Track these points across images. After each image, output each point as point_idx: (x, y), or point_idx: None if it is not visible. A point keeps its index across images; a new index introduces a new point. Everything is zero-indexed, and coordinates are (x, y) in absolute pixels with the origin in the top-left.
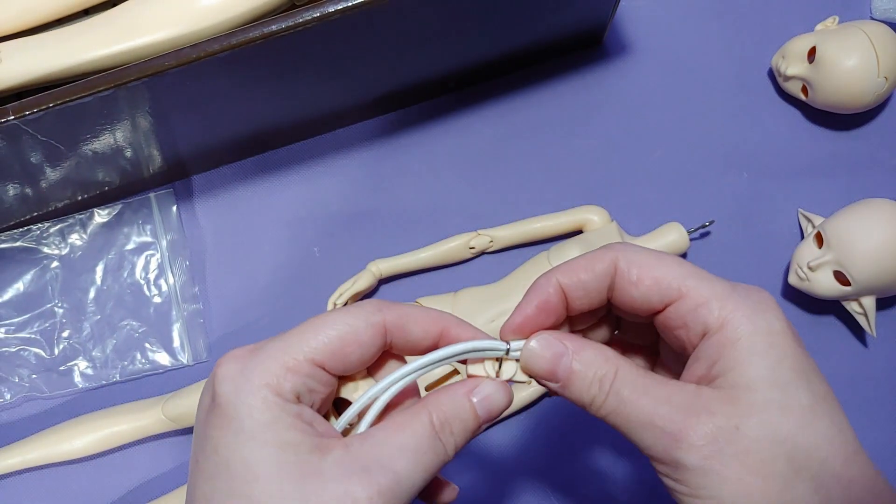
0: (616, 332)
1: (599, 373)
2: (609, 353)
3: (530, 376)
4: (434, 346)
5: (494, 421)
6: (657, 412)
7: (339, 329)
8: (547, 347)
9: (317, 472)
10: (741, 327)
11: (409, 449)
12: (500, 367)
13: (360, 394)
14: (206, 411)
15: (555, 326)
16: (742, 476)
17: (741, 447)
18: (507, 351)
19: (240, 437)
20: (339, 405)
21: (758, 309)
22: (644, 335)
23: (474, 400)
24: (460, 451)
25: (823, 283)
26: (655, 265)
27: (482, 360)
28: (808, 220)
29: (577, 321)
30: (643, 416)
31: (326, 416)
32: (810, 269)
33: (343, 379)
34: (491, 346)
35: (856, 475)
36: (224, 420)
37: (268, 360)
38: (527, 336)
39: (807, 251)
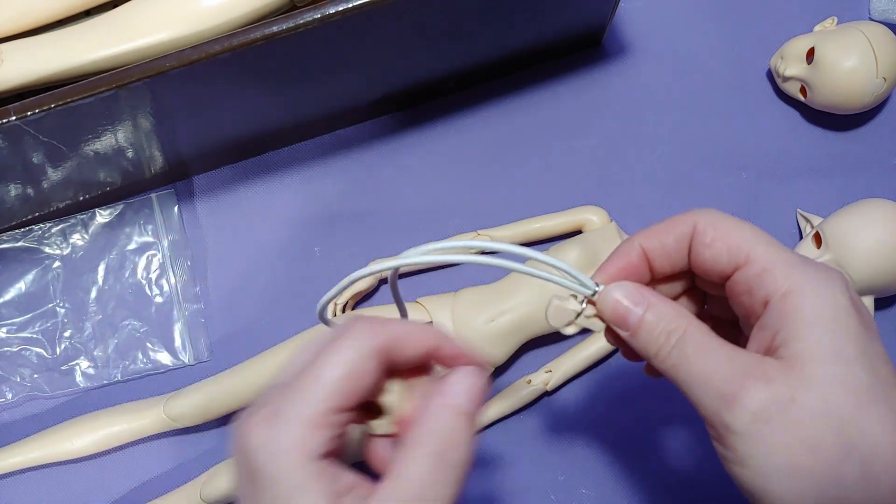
0: (705, 307)
1: (669, 326)
2: (683, 311)
3: (603, 320)
4: (426, 360)
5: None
6: (716, 371)
7: (344, 368)
8: (625, 294)
9: None
10: (806, 298)
11: (416, 482)
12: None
13: (383, 396)
14: (248, 483)
15: None
16: (791, 448)
17: (794, 418)
18: (595, 293)
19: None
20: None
21: (826, 283)
22: (728, 309)
23: (456, 402)
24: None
25: None
26: (730, 229)
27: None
28: (807, 220)
29: (661, 290)
30: (702, 374)
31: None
32: None
33: None
34: (581, 282)
35: None
36: (263, 487)
37: (290, 424)
38: None
39: (805, 251)
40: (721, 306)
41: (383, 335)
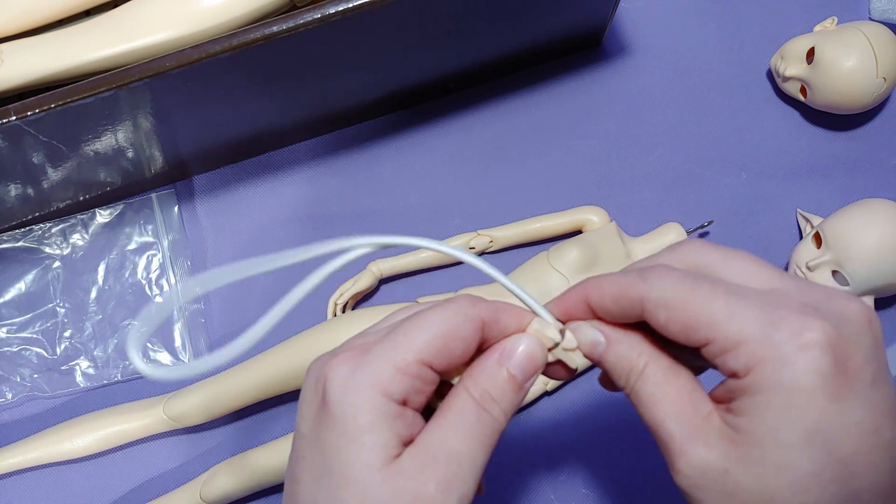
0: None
1: (628, 367)
2: (643, 346)
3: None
4: None
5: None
6: (664, 424)
7: (443, 327)
8: (582, 337)
9: (397, 473)
10: (764, 380)
11: (458, 426)
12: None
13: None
14: (317, 409)
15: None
16: None
17: (727, 489)
18: (558, 343)
19: (342, 439)
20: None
21: (789, 359)
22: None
23: (508, 365)
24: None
25: (822, 283)
26: (683, 307)
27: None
28: (807, 220)
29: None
30: (654, 421)
31: (428, 409)
32: (808, 268)
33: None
34: (549, 326)
35: None
36: (332, 421)
37: (378, 361)
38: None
39: (805, 251)
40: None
41: (485, 307)
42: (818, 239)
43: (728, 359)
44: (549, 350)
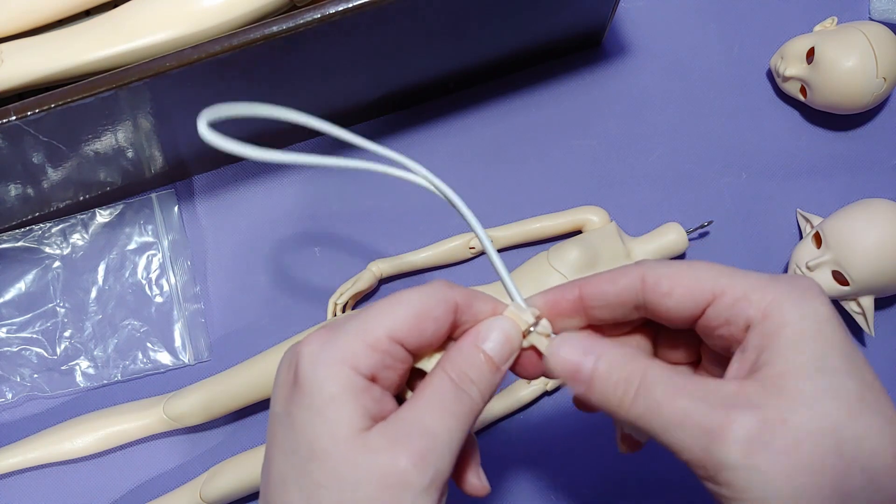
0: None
1: (625, 373)
2: (636, 353)
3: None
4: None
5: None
6: (695, 409)
7: (415, 306)
8: (573, 346)
9: (366, 447)
10: (787, 314)
11: (434, 405)
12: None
13: (433, 364)
14: (289, 387)
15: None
16: (790, 472)
17: (789, 441)
18: (534, 324)
19: (310, 412)
20: (414, 376)
21: (804, 296)
22: (683, 352)
23: (484, 346)
24: (491, 397)
25: (822, 283)
26: (685, 273)
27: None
28: (807, 220)
29: (606, 332)
30: (678, 415)
31: (400, 393)
32: (808, 268)
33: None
34: (524, 311)
35: None
36: (301, 396)
37: (347, 337)
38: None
39: (805, 251)
40: (672, 349)
41: (460, 291)
42: (818, 239)
43: (744, 305)
44: (524, 335)
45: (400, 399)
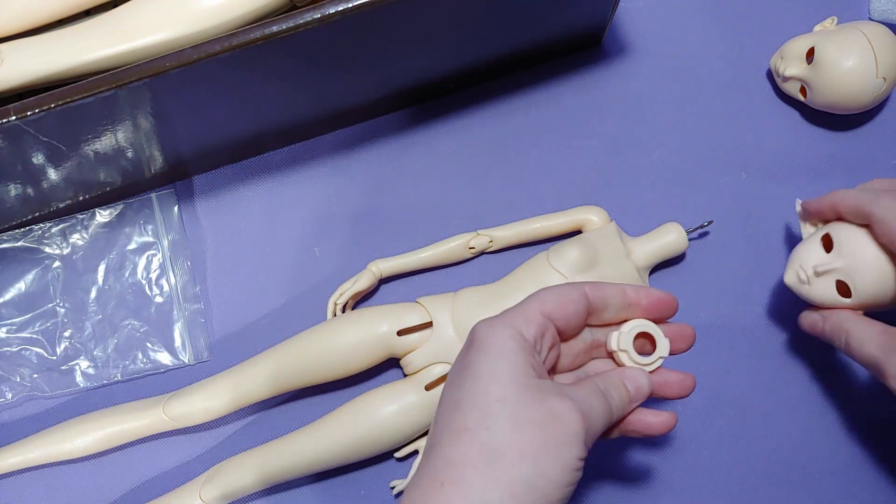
0: None
1: (840, 330)
2: (844, 315)
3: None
4: (625, 316)
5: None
6: (872, 356)
7: (557, 292)
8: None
9: (539, 388)
10: None
11: (591, 394)
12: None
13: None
14: (465, 350)
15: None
16: None
17: None
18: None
19: (488, 356)
20: None
21: None
22: None
23: (624, 379)
24: (610, 423)
25: (823, 291)
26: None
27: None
28: (808, 218)
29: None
30: (865, 356)
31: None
32: (816, 274)
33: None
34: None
35: None
36: (478, 349)
37: (511, 312)
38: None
39: (813, 253)
40: None
41: (593, 288)
42: (828, 242)
43: None
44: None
45: None
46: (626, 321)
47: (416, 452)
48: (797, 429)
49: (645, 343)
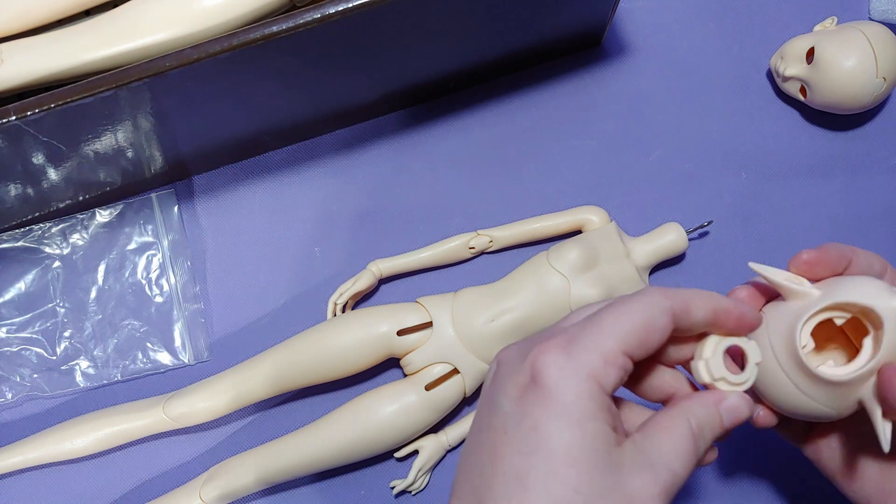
0: None
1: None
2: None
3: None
4: (710, 328)
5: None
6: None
7: (641, 317)
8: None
9: (618, 465)
10: None
11: (679, 452)
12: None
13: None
14: (523, 389)
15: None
16: None
17: None
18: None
19: (563, 420)
20: None
21: None
22: None
23: (722, 410)
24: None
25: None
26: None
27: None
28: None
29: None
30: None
31: None
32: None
33: None
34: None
35: None
36: (547, 401)
37: (587, 351)
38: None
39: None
40: None
41: (676, 297)
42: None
43: None
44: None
45: None
46: (702, 335)
47: (416, 452)
48: None
49: (725, 355)
